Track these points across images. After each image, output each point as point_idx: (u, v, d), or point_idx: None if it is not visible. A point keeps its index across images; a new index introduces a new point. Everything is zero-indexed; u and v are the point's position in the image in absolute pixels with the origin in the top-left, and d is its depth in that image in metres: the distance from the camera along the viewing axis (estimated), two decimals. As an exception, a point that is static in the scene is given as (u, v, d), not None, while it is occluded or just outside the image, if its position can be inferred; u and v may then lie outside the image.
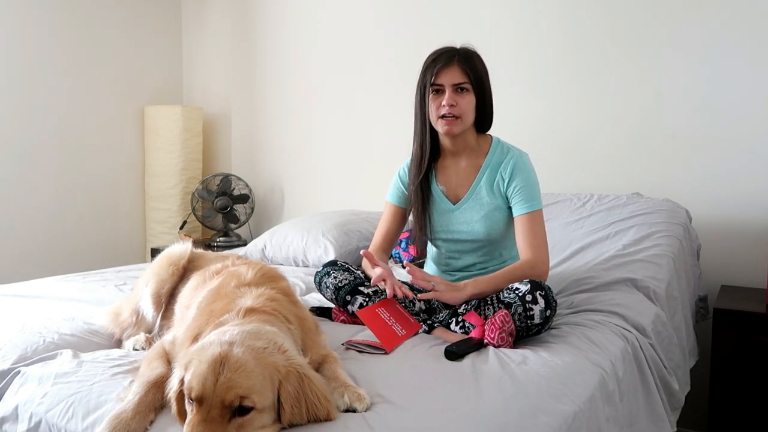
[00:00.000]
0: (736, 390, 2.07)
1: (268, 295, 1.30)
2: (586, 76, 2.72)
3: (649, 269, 2.04)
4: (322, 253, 2.60)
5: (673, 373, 1.81)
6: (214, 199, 3.54)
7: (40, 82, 3.37)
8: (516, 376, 1.29)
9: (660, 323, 1.85)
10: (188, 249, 1.70)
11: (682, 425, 2.23)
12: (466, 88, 1.76)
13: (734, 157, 2.43)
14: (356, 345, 1.49)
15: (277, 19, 3.69)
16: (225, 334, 1.08)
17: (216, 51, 3.98)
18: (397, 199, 1.96)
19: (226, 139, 4.01)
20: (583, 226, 2.34)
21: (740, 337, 2.06)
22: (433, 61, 1.78)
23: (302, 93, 3.61)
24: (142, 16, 3.86)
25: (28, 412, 1.22)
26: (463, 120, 1.77)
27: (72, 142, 3.53)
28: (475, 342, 1.49)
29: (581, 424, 1.21)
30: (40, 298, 1.96)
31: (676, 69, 2.53)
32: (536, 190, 1.80)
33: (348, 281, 1.76)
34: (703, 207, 2.49)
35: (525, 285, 1.57)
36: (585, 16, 2.71)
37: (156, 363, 1.22)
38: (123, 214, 3.82)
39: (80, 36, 3.54)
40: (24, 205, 3.33)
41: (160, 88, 4.00)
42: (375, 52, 3.32)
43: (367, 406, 1.12)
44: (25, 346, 1.45)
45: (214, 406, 0.98)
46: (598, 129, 2.71)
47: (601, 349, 1.51)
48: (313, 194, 3.62)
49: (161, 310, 1.61)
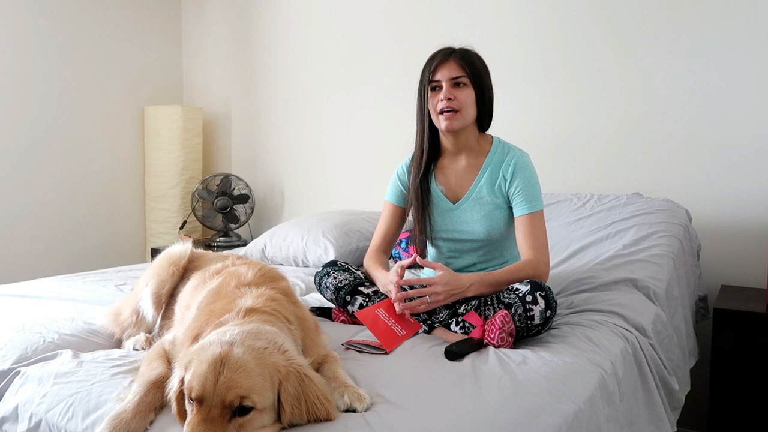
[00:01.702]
0: (736, 390, 2.07)
1: (268, 295, 1.30)
2: (586, 76, 2.72)
3: (649, 269, 2.04)
4: (322, 253, 2.60)
5: (673, 373, 1.81)
6: (214, 199, 3.54)
7: (39, 82, 3.37)
8: (516, 376, 1.29)
9: (660, 323, 1.85)
10: (188, 249, 1.70)
11: (682, 425, 2.23)
12: (464, 82, 1.76)
13: (734, 157, 2.43)
14: (356, 345, 1.49)
15: (277, 19, 3.69)
16: (225, 334, 1.08)
17: (216, 51, 3.98)
18: (395, 198, 1.96)
19: (226, 139, 4.01)
20: (583, 226, 2.34)
21: (740, 337, 2.06)
22: (431, 60, 1.80)
23: (302, 93, 3.61)
24: (142, 16, 3.86)
25: (28, 412, 1.22)
26: (462, 114, 1.76)
27: (72, 142, 3.53)
28: (475, 342, 1.49)
29: (581, 424, 1.21)
30: (40, 298, 1.96)
31: (677, 69, 2.53)
32: (537, 190, 1.80)
33: (348, 281, 1.76)
34: (703, 207, 2.49)
35: (525, 285, 1.57)
36: (586, 16, 2.71)
37: (156, 363, 1.23)
38: (123, 214, 3.82)
39: (80, 36, 3.54)
40: (24, 205, 3.33)
41: (160, 88, 4.00)
42: (375, 52, 3.32)
43: (367, 406, 1.13)
44: (25, 346, 1.45)
45: (214, 406, 0.99)
46: (599, 129, 2.71)
47: (601, 349, 1.51)
48: (313, 194, 3.62)
49: (161, 310, 1.61)
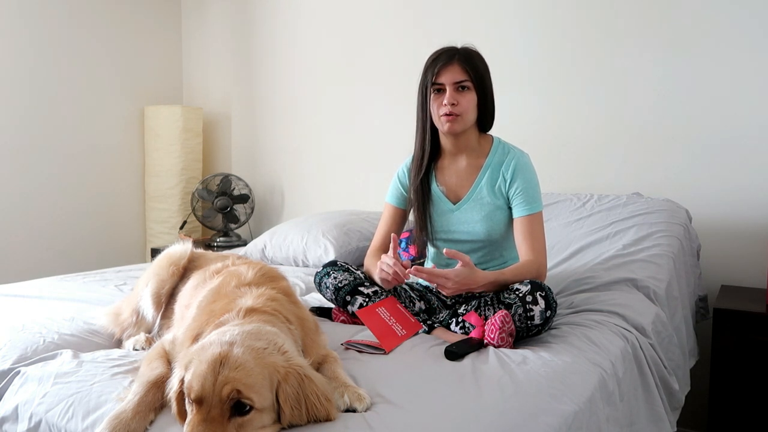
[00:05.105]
0: (736, 390, 2.07)
1: (268, 295, 1.30)
2: (586, 75, 2.72)
3: (649, 269, 2.04)
4: (322, 253, 2.60)
5: (673, 373, 1.81)
6: (214, 199, 3.54)
7: (40, 82, 3.37)
8: (516, 376, 1.29)
9: (660, 323, 1.85)
10: (188, 249, 1.70)
11: (682, 425, 2.23)
12: (467, 86, 1.76)
13: (734, 157, 2.43)
14: (356, 345, 1.49)
15: (277, 19, 3.69)
16: (225, 334, 1.08)
17: (216, 51, 3.98)
18: (396, 200, 1.96)
19: (226, 139, 4.01)
20: (583, 226, 2.34)
21: (740, 337, 2.06)
22: (434, 61, 1.79)
23: (302, 93, 3.61)
24: (142, 16, 3.86)
25: (28, 412, 1.22)
26: (464, 118, 1.77)
27: (72, 142, 3.53)
28: (475, 342, 1.49)
29: (581, 424, 1.21)
30: (40, 298, 1.96)
31: (677, 69, 2.53)
32: (537, 191, 1.80)
33: (348, 282, 1.76)
34: (703, 207, 2.49)
35: (525, 286, 1.57)
36: (585, 16, 2.71)
37: (156, 363, 1.22)
38: (123, 214, 3.82)
39: (80, 36, 3.54)
40: (24, 205, 3.33)
41: (160, 88, 4.00)
42: (375, 52, 3.32)
43: (367, 406, 1.13)
44: (25, 346, 1.45)
45: (214, 406, 0.98)
46: (599, 129, 2.71)
47: (601, 349, 1.51)
48: (313, 194, 3.61)
49: (161, 310, 1.61)
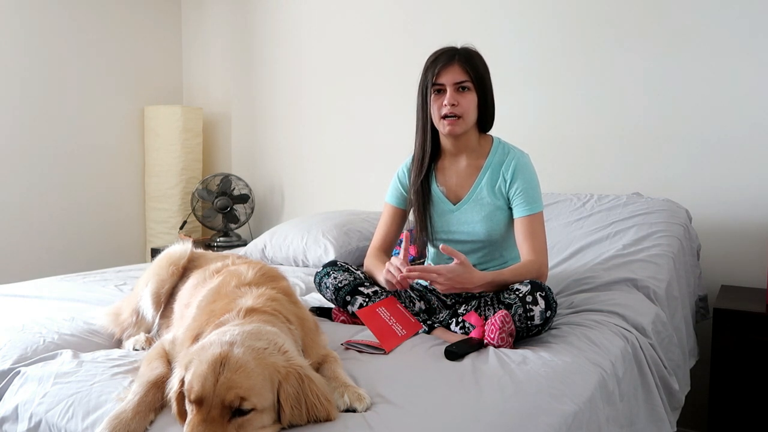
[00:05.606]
0: (736, 390, 2.07)
1: (268, 295, 1.30)
2: (586, 76, 2.72)
3: (649, 269, 2.04)
4: (322, 253, 2.60)
5: (673, 373, 1.81)
6: (214, 199, 3.54)
7: (40, 82, 3.37)
8: (516, 376, 1.29)
9: (660, 323, 1.85)
10: (188, 249, 1.70)
11: (682, 425, 2.23)
12: (468, 87, 1.75)
13: (734, 157, 2.43)
14: (356, 345, 1.49)
15: (277, 20, 3.69)
16: (225, 334, 1.08)
17: (216, 51, 3.98)
18: (396, 200, 1.96)
19: (226, 139, 4.01)
20: (583, 226, 2.34)
21: (740, 337, 2.06)
22: (434, 61, 1.78)
23: (302, 93, 3.61)
24: (142, 16, 3.86)
25: (28, 412, 1.22)
26: (465, 119, 1.77)
27: (72, 142, 3.53)
28: (475, 342, 1.49)
29: (581, 424, 1.21)
30: (40, 298, 1.96)
31: (677, 69, 2.53)
32: (537, 191, 1.80)
33: (348, 282, 1.76)
34: (703, 207, 2.49)
35: (525, 286, 1.57)
36: (585, 16, 2.71)
37: (156, 363, 1.22)
38: (123, 214, 3.82)
39: (80, 36, 3.54)
40: (24, 206, 3.33)
41: (160, 88, 4.00)
42: (375, 52, 3.32)
43: (367, 406, 1.13)
44: (25, 346, 1.45)
45: (214, 406, 0.98)
46: (599, 129, 2.71)
47: (601, 349, 1.51)
48: (313, 194, 3.61)
49: (161, 309, 1.61)
